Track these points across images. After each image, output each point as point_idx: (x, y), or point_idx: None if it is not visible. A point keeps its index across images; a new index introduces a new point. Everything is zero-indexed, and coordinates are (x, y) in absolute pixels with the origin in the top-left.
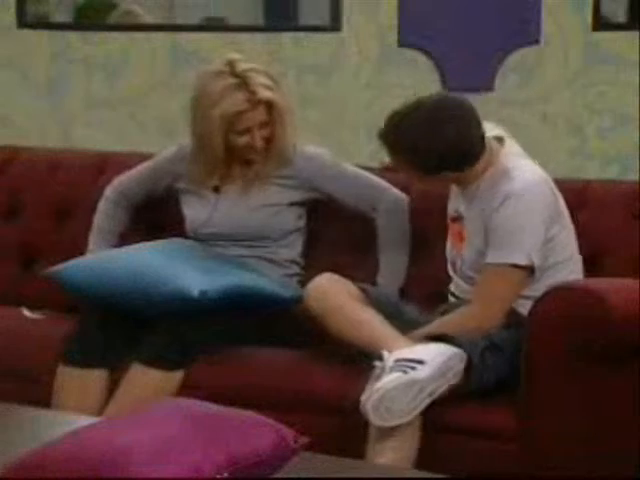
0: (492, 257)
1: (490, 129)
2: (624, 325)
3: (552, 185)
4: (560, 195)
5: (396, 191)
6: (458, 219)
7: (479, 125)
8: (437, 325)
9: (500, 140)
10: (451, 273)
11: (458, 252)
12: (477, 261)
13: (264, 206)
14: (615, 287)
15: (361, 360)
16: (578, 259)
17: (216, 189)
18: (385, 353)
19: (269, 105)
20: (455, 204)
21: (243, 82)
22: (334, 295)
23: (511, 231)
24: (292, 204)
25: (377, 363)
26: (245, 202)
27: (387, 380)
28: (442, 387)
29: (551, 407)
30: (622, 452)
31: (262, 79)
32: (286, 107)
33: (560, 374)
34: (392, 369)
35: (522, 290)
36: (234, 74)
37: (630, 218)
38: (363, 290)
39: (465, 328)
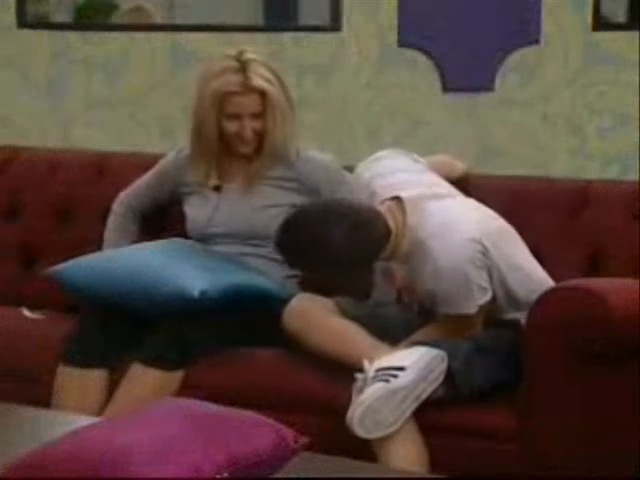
0: (442, 308)
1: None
2: (624, 325)
3: (465, 228)
4: (491, 217)
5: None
6: (391, 270)
7: (369, 223)
8: (419, 337)
9: (398, 199)
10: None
11: (404, 291)
12: (427, 305)
13: (267, 207)
14: (615, 287)
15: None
16: (534, 262)
17: (217, 188)
18: (366, 364)
19: (262, 95)
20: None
21: (242, 67)
22: (312, 312)
23: (453, 294)
24: (294, 207)
25: (358, 375)
26: (247, 202)
27: (370, 392)
28: (427, 390)
29: (551, 407)
30: (622, 452)
31: (262, 70)
32: (283, 103)
33: (560, 374)
34: (374, 379)
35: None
36: (238, 59)
37: (630, 218)
38: (340, 304)
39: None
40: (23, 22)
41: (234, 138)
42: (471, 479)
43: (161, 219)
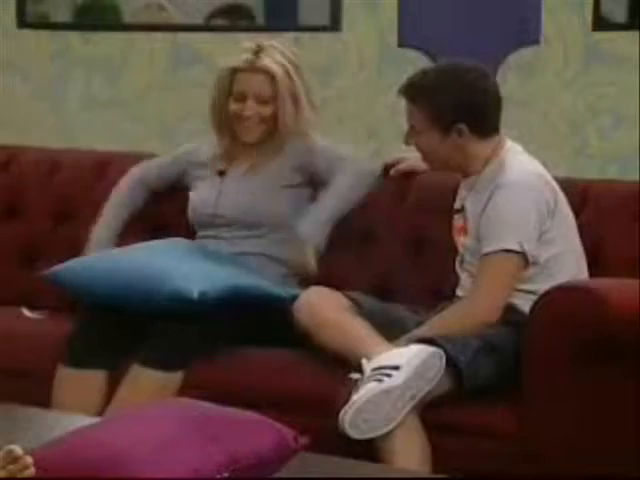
0: (485, 247)
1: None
2: (624, 325)
3: (551, 182)
4: (561, 193)
5: (365, 164)
6: (459, 211)
7: (498, 100)
8: (431, 325)
9: (501, 140)
10: (458, 271)
11: (463, 247)
12: (477, 254)
13: (270, 193)
14: (615, 287)
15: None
16: (579, 256)
17: (221, 173)
18: (364, 362)
19: (271, 78)
20: (459, 197)
21: (258, 49)
22: (323, 309)
23: (502, 219)
24: (297, 197)
25: (353, 375)
26: (251, 187)
27: (363, 392)
28: (424, 388)
29: (551, 407)
30: (622, 452)
31: (277, 55)
32: (295, 90)
33: (560, 374)
34: (369, 379)
35: (517, 281)
36: (258, 44)
37: (630, 219)
38: (353, 300)
39: (460, 325)
40: (23, 22)
41: (236, 121)
42: (471, 479)
43: (161, 217)
